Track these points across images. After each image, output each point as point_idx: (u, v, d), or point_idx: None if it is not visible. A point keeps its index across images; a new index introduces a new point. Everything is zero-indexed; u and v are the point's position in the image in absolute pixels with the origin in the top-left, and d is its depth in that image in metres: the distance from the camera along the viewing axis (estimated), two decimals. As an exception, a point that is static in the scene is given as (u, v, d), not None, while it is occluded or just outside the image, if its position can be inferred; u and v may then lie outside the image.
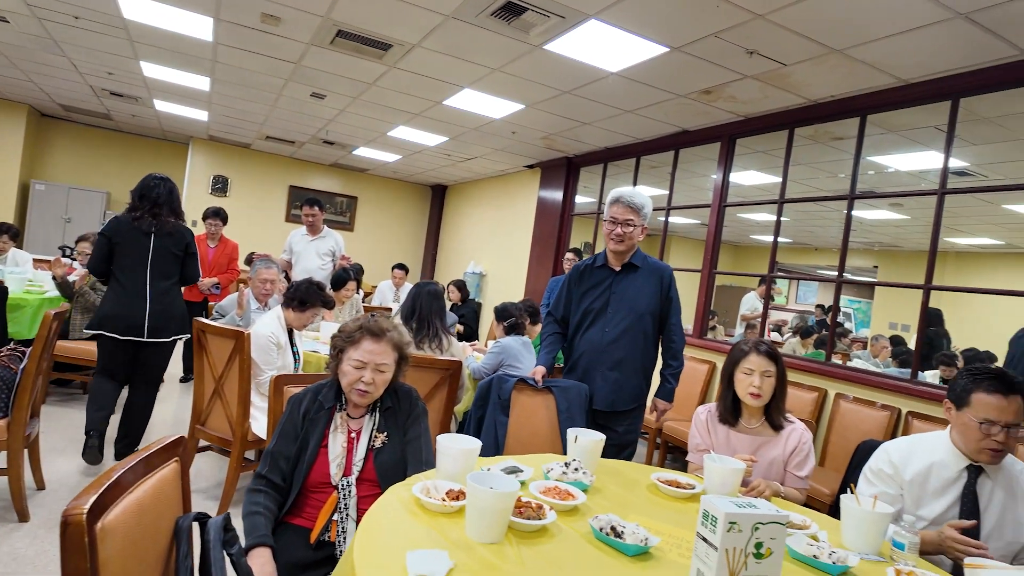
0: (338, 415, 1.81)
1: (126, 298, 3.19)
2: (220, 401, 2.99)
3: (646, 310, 2.62)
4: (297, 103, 6.21)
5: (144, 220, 3.28)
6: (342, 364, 1.79)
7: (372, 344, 1.78)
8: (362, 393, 1.76)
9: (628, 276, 2.67)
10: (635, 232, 2.58)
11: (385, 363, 1.79)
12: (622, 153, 6.17)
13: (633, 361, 2.63)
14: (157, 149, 9.83)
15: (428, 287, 3.11)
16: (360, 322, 1.82)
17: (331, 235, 5.35)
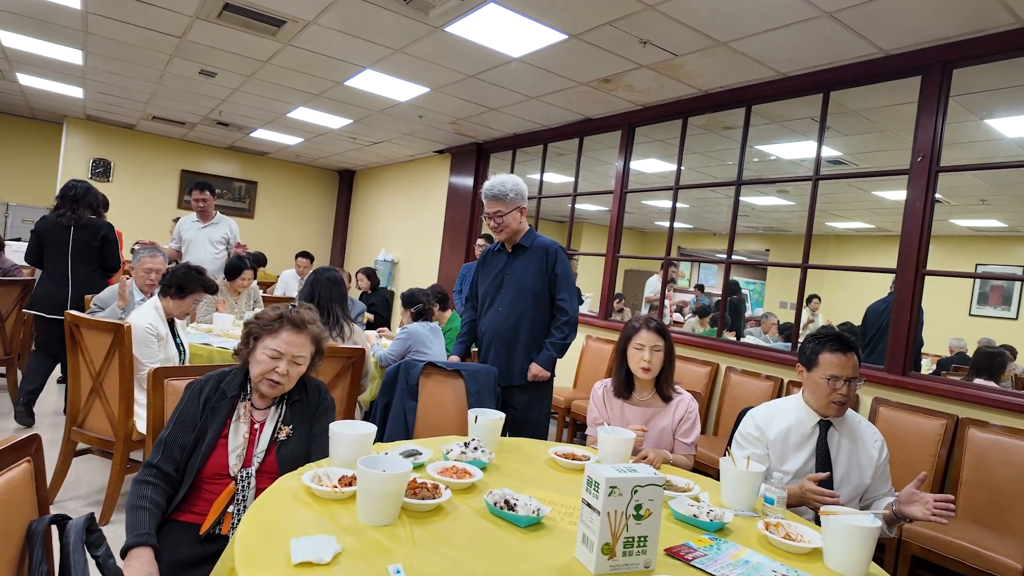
0: (241, 404, 1.73)
1: (52, 283, 3.90)
2: (100, 399, 2.77)
3: (531, 287, 2.70)
4: (185, 81, 5.80)
5: (64, 216, 3.94)
6: (255, 352, 1.72)
7: (291, 335, 1.72)
8: (273, 384, 1.70)
9: (518, 257, 2.77)
10: (509, 219, 2.67)
11: (302, 355, 1.73)
12: (530, 140, 6.24)
13: (524, 337, 2.70)
14: (24, 129, 8.88)
15: (327, 273, 3.01)
16: (281, 311, 1.75)
17: (224, 221, 5.06)
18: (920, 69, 3.26)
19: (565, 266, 2.73)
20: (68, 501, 2.87)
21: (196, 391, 1.72)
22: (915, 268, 3.18)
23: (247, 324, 1.78)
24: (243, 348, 1.77)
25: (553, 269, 2.70)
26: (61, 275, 3.90)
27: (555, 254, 2.72)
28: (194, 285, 2.98)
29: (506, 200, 2.65)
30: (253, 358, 1.73)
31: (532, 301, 2.69)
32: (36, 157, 8.94)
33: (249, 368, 1.75)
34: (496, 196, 2.66)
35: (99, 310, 3.45)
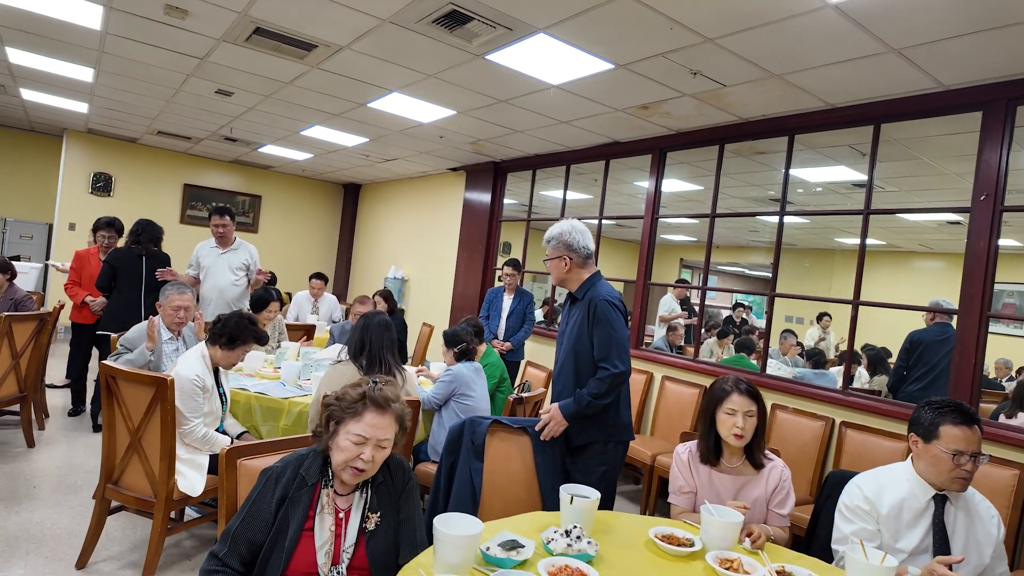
0: (324, 492, 1.59)
1: (125, 307, 4.40)
2: (138, 456, 2.60)
3: (575, 344, 2.54)
4: (199, 99, 5.62)
5: (136, 248, 4.57)
6: (337, 437, 1.57)
7: (376, 416, 1.58)
8: (358, 472, 1.56)
9: (572, 307, 2.64)
10: (551, 266, 2.59)
11: (387, 438, 1.59)
12: (551, 160, 6.13)
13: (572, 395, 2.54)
14: (23, 143, 8.63)
15: (377, 318, 2.87)
16: (363, 389, 1.61)
17: (244, 247, 4.89)
18: (982, 104, 3.18)
19: (605, 321, 2.46)
20: (102, 563, 2.70)
21: (272, 480, 1.58)
22: (979, 312, 3.08)
23: (326, 405, 1.63)
24: (323, 431, 1.63)
25: (592, 326, 2.48)
26: (133, 300, 4.43)
27: (594, 306, 2.48)
28: (246, 336, 2.82)
29: (548, 246, 2.59)
30: (335, 443, 1.59)
31: (576, 358, 2.52)
32: (35, 171, 8.70)
33: (330, 453, 1.61)
34: (546, 240, 2.62)
35: (126, 351, 3.27)
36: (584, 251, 2.56)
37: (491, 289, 5.35)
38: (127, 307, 4.43)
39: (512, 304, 5.13)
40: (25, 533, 2.88)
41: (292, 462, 1.61)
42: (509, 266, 5.19)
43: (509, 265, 5.19)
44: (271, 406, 3.09)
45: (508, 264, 5.20)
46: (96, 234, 4.78)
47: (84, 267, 4.73)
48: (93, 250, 4.81)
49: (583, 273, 2.59)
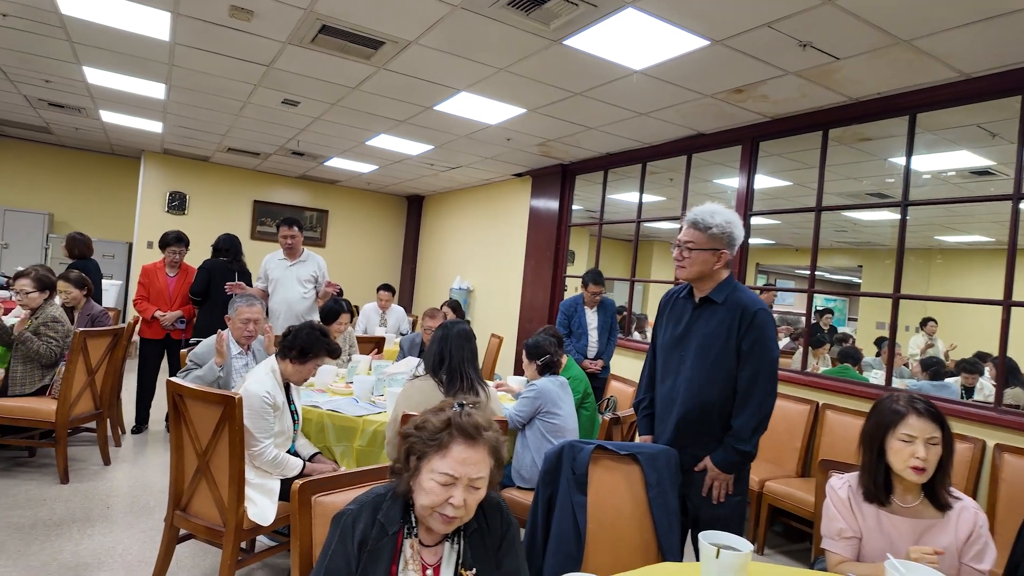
0: (407, 543, 1.30)
1: (217, 317, 4.27)
2: (206, 481, 2.40)
3: (715, 356, 2.10)
4: (266, 111, 5.59)
5: (228, 262, 4.77)
6: (419, 476, 1.28)
7: (465, 449, 1.28)
8: (447, 520, 1.25)
9: (705, 313, 2.17)
10: (697, 256, 2.10)
11: (481, 476, 1.29)
12: (625, 159, 5.76)
13: (705, 417, 2.14)
14: (105, 165, 8.98)
15: (456, 327, 2.58)
16: (448, 415, 1.31)
17: (312, 258, 4.76)
18: None
19: (766, 337, 2.07)
20: (170, 596, 2.51)
21: (348, 528, 1.29)
22: None
23: (406, 437, 1.33)
24: (402, 468, 1.33)
25: (741, 340, 2.07)
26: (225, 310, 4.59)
27: (751, 317, 2.04)
28: (318, 348, 2.60)
29: (705, 234, 2.08)
30: (418, 483, 1.28)
31: (715, 375, 2.10)
32: (115, 193, 9.03)
33: (413, 496, 1.31)
34: (694, 223, 2.10)
35: (196, 367, 3.12)
36: (735, 249, 2.16)
37: (566, 301, 4.87)
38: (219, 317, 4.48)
39: (598, 319, 4.68)
40: (96, 559, 2.74)
41: (367, 504, 1.32)
42: (596, 284, 4.67)
43: (595, 283, 4.67)
44: (345, 425, 2.85)
45: (593, 282, 4.66)
46: (166, 249, 4.73)
47: (152, 282, 4.69)
48: (159, 264, 4.77)
49: (723, 273, 2.17)
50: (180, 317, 4.66)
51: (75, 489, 3.48)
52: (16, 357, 3.66)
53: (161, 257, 4.78)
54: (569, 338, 4.55)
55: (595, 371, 4.38)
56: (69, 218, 8.74)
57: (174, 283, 4.73)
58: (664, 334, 2.28)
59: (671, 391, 2.19)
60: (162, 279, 4.70)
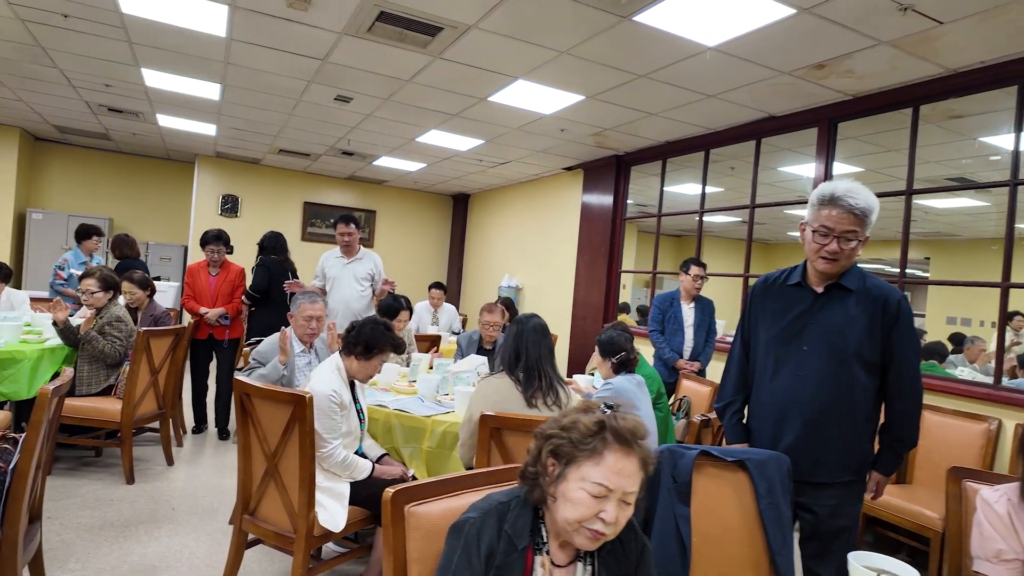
0: (538, 560, 1.14)
1: (277, 315, 4.48)
2: (275, 484, 2.30)
3: (856, 349, 1.86)
4: (318, 109, 5.55)
5: (284, 261, 4.86)
6: (566, 484, 1.11)
7: (620, 459, 1.11)
8: (597, 536, 1.09)
9: (834, 301, 1.90)
10: (856, 248, 1.84)
11: (634, 491, 1.12)
12: (685, 146, 5.49)
13: (840, 417, 1.91)
14: (161, 170, 9.18)
15: (532, 321, 2.41)
16: (602, 418, 1.14)
17: (369, 256, 4.68)
18: None
19: (912, 328, 1.89)
20: (240, 603, 2.42)
21: (472, 539, 1.13)
22: None
23: (548, 436, 1.17)
24: (539, 472, 1.16)
25: (889, 332, 1.85)
26: (283, 308, 4.49)
27: (897, 307, 1.85)
28: (383, 343, 2.48)
29: (866, 222, 1.81)
30: (562, 493, 1.11)
31: (853, 369, 1.87)
32: (171, 196, 9.21)
33: (549, 506, 1.14)
34: (857, 211, 1.79)
35: (259, 365, 3.05)
36: None
37: (661, 296, 4.47)
38: (278, 315, 4.50)
39: (696, 315, 4.32)
40: (164, 562, 2.68)
41: (491, 512, 1.16)
42: (697, 266, 4.30)
43: (696, 265, 4.31)
44: (413, 425, 2.71)
45: (694, 264, 4.31)
46: (205, 248, 4.63)
47: (195, 281, 4.65)
48: (203, 264, 4.72)
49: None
50: (223, 314, 4.61)
51: (140, 490, 3.46)
52: (82, 357, 3.67)
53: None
54: (662, 335, 4.28)
55: (690, 371, 4.07)
56: (128, 223, 8.95)
57: (215, 282, 4.68)
58: (767, 327, 2.04)
59: (790, 391, 1.94)
60: (204, 278, 4.65)
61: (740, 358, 2.16)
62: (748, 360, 2.14)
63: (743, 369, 2.15)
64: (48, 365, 3.66)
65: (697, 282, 4.31)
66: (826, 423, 1.89)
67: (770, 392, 2.00)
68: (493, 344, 4.28)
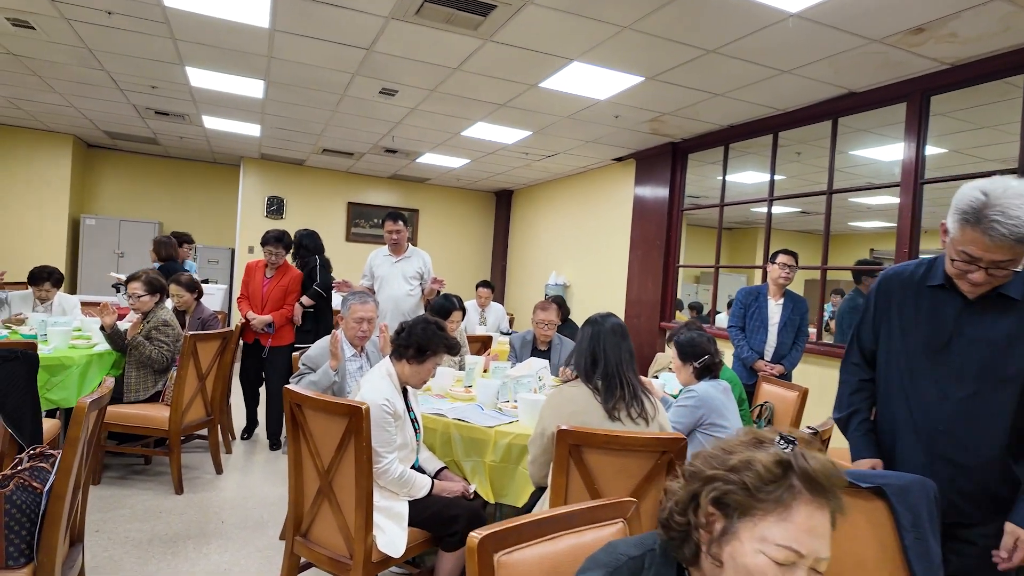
0: None
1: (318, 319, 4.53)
2: (329, 504, 2.09)
3: (1018, 374, 1.52)
4: (362, 104, 5.39)
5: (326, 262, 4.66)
6: (737, 544, 0.84)
7: (814, 513, 0.83)
8: None
9: (990, 311, 1.55)
10: (1010, 272, 1.48)
11: (828, 557, 0.84)
12: (750, 130, 5.11)
13: (1000, 444, 1.57)
14: (207, 173, 9.25)
15: (609, 322, 2.14)
16: (781, 456, 0.85)
17: (417, 254, 4.47)
18: None
19: None
20: (293, 632, 2.22)
21: None
22: None
23: (709, 478, 0.89)
24: (693, 524, 0.89)
25: None
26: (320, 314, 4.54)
27: None
28: (436, 345, 2.25)
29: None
30: (729, 555, 0.84)
31: (1012, 396, 1.53)
32: (218, 200, 9.27)
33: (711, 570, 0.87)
34: (1016, 237, 1.38)
35: (309, 371, 2.86)
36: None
37: (745, 289, 3.96)
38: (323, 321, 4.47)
39: (783, 313, 3.85)
40: (213, 582, 2.52)
41: (619, 571, 0.89)
42: (785, 255, 3.82)
43: (785, 254, 3.82)
44: (475, 437, 2.47)
45: (783, 253, 3.83)
46: (264, 249, 4.34)
47: (250, 280, 4.39)
48: (260, 263, 4.43)
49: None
50: (270, 322, 4.27)
51: (189, 500, 3.32)
52: (130, 363, 3.57)
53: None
54: (742, 332, 3.89)
55: (771, 374, 3.67)
56: (176, 226, 9.01)
57: (268, 285, 4.36)
58: (900, 334, 1.69)
59: (927, 414, 1.62)
60: (258, 279, 4.39)
61: (859, 363, 1.84)
62: (869, 366, 1.82)
63: (864, 376, 1.83)
64: (96, 371, 3.57)
65: (785, 272, 3.86)
66: (981, 450, 1.56)
67: (902, 413, 1.67)
68: (548, 344, 4.02)
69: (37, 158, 7.67)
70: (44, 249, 7.70)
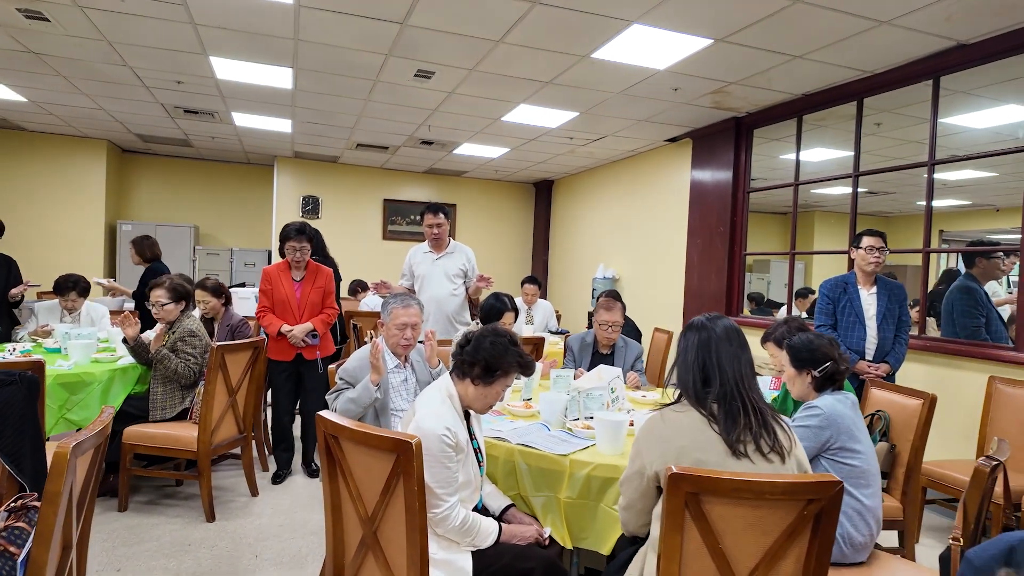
0: None
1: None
2: (374, 558, 1.69)
3: None
4: (396, 91, 5.01)
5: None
6: None
7: None
8: None
9: None
10: None
11: None
12: (828, 98, 4.53)
13: None
14: (242, 175, 9.05)
15: (721, 324, 1.67)
16: None
17: (460, 250, 4.07)
18: None
19: None
20: None
21: None
22: None
23: None
24: None
25: None
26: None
27: None
28: (509, 363, 1.85)
29: None
30: None
31: None
32: (252, 201, 9.07)
33: None
34: None
35: (347, 386, 2.48)
36: None
37: (830, 281, 3.45)
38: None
39: (879, 303, 3.31)
40: (244, 637, 2.16)
41: None
42: (872, 236, 3.32)
43: (871, 235, 3.32)
44: (546, 467, 2.05)
45: (868, 234, 3.33)
46: (286, 245, 3.62)
47: (275, 288, 3.66)
48: (282, 266, 3.72)
49: None
50: (312, 331, 3.66)
51: (221, 529, 2.99)
52: (155, 378, 3.27)
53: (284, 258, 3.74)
54: (834, 331, 3.37)
55: (876, 375, 3.18)
56: (212, 230, 8.88)
57: (302, 289, 3.70)
58: None
59: None
60: (287, 284, 3.67)
61: None
62: None
63: None
64: (120, 387, 3.29)
65: (873, 256, 3.32)
66: None
67: None
68: (611, 348, 3.58)
69: (72, 165, 7.56)
70: (81, 257, 7.60)
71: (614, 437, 2.06)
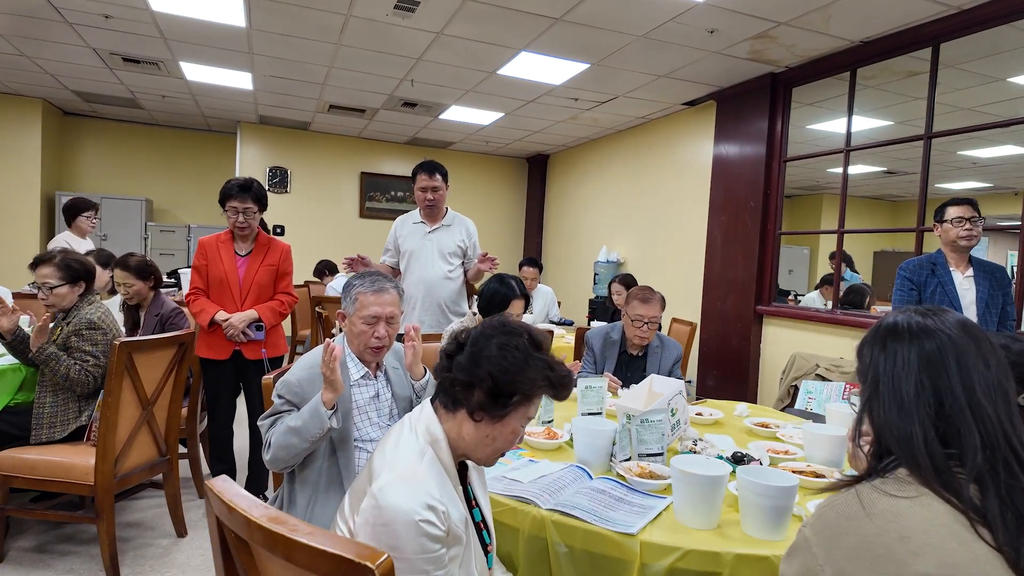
0: None
1: None
2: None
3: None
4: (373, 31, 4.15)
5: None
6: None
7: None
8: None
9: None
10: None
11: None
12: (892, 45, 3.77)
13: None
14: (201, 143, 8.09)
15: (949, 322, 0.89)
16: None
17: (460, 222, 3.30)
18: None
19: None
20: None
21: None
22: None
23: None
24: None
25: None
26: None
27: None
28: (531, 382, 1.10)
29: None
30: None
31: None
32: (213, 173, 8.11)
33: None
34: None
35: (288, 408, 1.67)
36: None
37: (911, 263, 2.82)
38: None
39: (979, 288, 2.68)
40: None
41: None
42: (958, 206, 2.68)
43: (957, 205, 2.68)
44: (600, 552, 1.27)
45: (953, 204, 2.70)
46: (226, 207, 2.83)
47: (212, 263, 2.84)
48: (223, 237, 2.91)
49: None
50: (256, 320, 2.82)
51: None
52: (43, 384, 2.43)
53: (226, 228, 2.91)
54: None
55: None
56: (167, 204, 7.95)
57: (246, 265, 2.87)
58: None
59: None
60: (226, 259, 2.84)
61: None
62: None
63: None
64: (-5, 397, 2.44)
65: (965, 228, 2.64)
66: None
67: None
68: (644, 349, 2.81)
69: (1, 126, 6.58)
70: (16, 229, 6.68)
71: (709, 499, 1.29)
